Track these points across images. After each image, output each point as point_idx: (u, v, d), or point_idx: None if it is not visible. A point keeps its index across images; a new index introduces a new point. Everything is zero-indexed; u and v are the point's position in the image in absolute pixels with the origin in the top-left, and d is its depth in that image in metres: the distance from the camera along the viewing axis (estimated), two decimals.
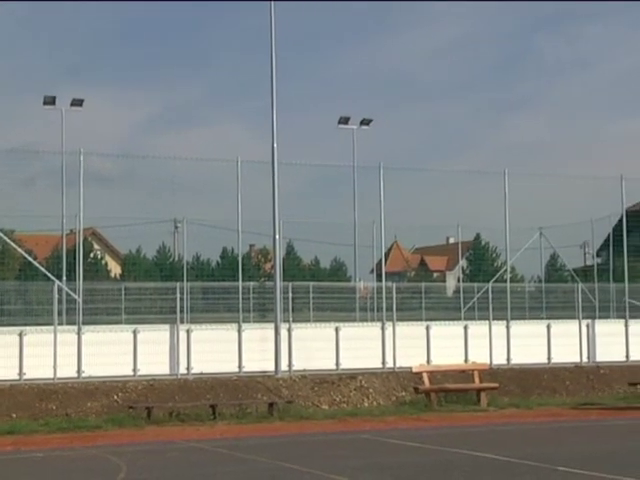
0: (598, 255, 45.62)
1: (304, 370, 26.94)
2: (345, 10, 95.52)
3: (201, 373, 26.27)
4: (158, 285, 31.65)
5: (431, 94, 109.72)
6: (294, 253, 46.60)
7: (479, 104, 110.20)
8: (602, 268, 42.07)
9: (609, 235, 40.59)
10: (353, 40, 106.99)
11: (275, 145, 27.28)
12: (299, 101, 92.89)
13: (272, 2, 27.49)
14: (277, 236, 27.77)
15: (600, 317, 33.93)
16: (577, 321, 30.78)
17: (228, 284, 31.41)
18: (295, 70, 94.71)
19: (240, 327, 27.49)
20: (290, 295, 28.39)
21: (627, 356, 30.72)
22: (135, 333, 26.45)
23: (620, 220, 36.15)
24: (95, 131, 71.47)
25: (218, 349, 26.78)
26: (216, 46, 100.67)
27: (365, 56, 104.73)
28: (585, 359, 30.40)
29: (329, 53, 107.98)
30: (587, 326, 30.96)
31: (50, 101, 27.56)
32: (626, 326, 31.21)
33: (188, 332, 26.96)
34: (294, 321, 28.29)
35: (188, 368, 26.59)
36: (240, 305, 28.33)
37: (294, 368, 27.13)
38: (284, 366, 26.82)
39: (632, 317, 32.10)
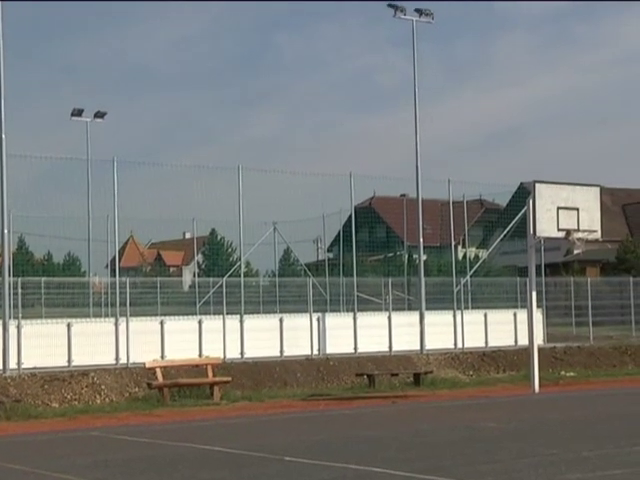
0: (329, 250, 47.17)
1: (34, 368, 26.22)
2: None
3: None
4: None
5: (169, 87, 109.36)
6: (25, 248, 45.39)
7: (217, 99, 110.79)
8: (333, 263, 43.51)
9: (339, 231, 42.04)
10: (87, 29, 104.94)
11: (3, 136, 26.38)
12: (31, 91, 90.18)
13: None
14: (6, 230, 26.87)
15: (331, 310, 35.01)
16: (308, 314, 31.56)
17: None
18: (26, 58, 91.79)
19: None
20: (19, 291, 27.60)
21: (355, 348, 31.78)
22: None
23: (350, 216, 37.45)
24: None
25: None
26: None
27: (100, 46, 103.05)
28: (316, 352, 31.22)
29: (64, 42, 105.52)
30: (318, 319, 31.79)
31: None
32: (354, 319, 32.26)
33: None
34: (24, 317, 27.49)
35: None
36: None
37: (24, 366, 26.33)
38: (13, 364, 26.00)
39: (360, 310, 33.23)
